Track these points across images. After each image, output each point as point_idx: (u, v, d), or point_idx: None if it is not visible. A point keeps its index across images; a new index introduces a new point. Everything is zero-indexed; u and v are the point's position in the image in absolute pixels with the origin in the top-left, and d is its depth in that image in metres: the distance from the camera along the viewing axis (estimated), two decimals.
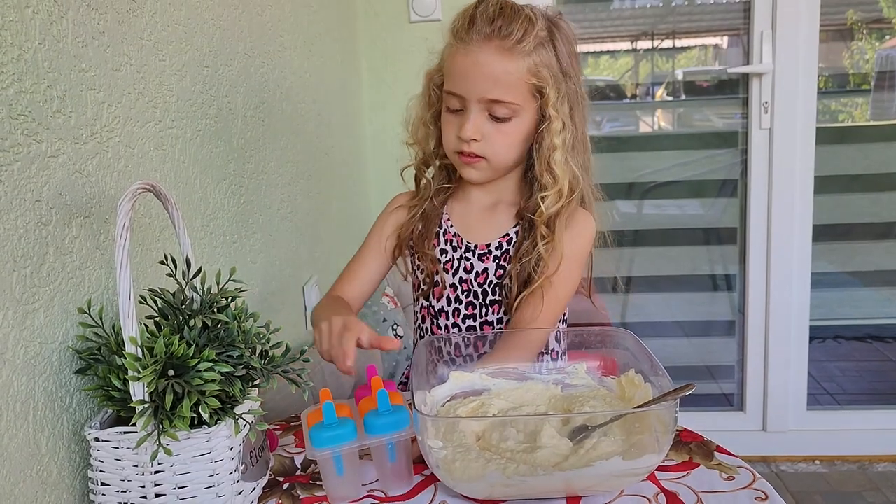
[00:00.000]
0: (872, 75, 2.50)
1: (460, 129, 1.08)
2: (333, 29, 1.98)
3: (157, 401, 0.72)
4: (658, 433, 0.79)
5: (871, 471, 2.24)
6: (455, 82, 1.08)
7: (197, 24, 1.12)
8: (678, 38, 2.61)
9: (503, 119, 1.07)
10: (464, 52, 1.05)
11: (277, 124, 1.49)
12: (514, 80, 1.05)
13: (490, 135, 1.08)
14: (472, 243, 1.17)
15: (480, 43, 1.04)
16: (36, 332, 0.74)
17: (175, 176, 1.04)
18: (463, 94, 1.07)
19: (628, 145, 2.60)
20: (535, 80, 1.05)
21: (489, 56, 1.04)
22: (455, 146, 1.10)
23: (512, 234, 1.16)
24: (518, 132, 1.09)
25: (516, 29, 1.03)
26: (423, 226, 1.18)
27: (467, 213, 1.19)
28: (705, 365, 2.57)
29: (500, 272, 1.15)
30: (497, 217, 1.18)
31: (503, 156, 1.10)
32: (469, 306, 1.17)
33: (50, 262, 0.76)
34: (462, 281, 1.16)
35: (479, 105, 1.06)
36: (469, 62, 1.05)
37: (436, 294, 1.18)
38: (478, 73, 1.05)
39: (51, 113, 0.76)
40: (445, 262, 1.17)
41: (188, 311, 0.81)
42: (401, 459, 0.85)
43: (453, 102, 1.09)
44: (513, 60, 1.04)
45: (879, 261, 2.55)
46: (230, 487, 0.78)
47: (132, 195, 0.74)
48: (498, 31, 1.03)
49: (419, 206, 1.19)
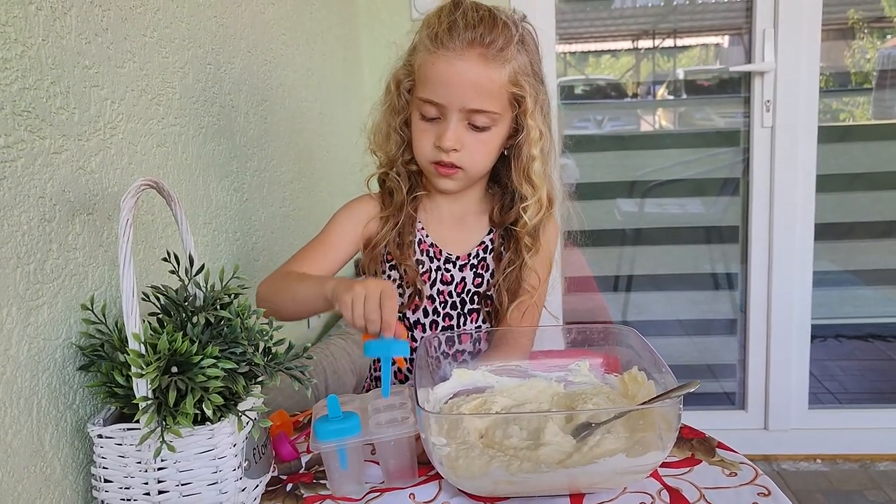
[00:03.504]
0: (874, 74, 2.50)
1: (439, 138, 1.04)
2: (335, 26, 1.98)
3: (160, 397, 0.72)
4: (662, 430, 0.79)
5: (873, 469, 2.24)
6: (434, 90, 1.03)
7: (200, 21, 1.12)
8: (679, 36, 2.60)
9: (482, 128, 1.04)
10: (445, 59, 1.01)
11: (279, 122, 1.49)
12: (496, 88, 1.02)
13: (469, 144, 1.04)
14: (451, 254, 1.14)
15: (463, 50, 1.00)
16: (39, 329, 0.74)
17: (178, 173, 1.04)
18: (443, 102, 1.02)
19: (630, 144, 2.60)
20: (515, 88, 1.03)
21: (472, 64, 1.00)
22: (432, 156, 1.06)
23: (487, 242, 1.14)
24: (495, 142, 1.06)
25: (498, 36, 1.00)
26: (399, 236, 1.13)
27: (439, 222, 1.16)
28: (707, 363, 2.56)
29: (477, 280, 1.14)
30: (469, 226, 1.16)
31: (480, 165, 1.08)
32: (447, 317, 1.15)
33: (53, 258, 0.76)
34: (440, 293, 1.14)
35: (459, 114, 1.03)
36: (451, 70, 1.01)
37: (411, 306, 1.14)
38: (459, 81, 1.01)
39: (54, 109, 0.76)
40: (423, 274, 1.13)
41: (191, 307, 0.81)
42: (404, 457, 0.85)
43: (429, 110, 1.05)
44: (495, 69, 1.01)
45: (881, 259, 2.55)
46: (233, 484, 0.78)
47: (135, 192, 0.73)
48: (480, 38, 1.00)
49: (392, 216, 1.13)
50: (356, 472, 0.85)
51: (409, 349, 0.89)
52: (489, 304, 1.15)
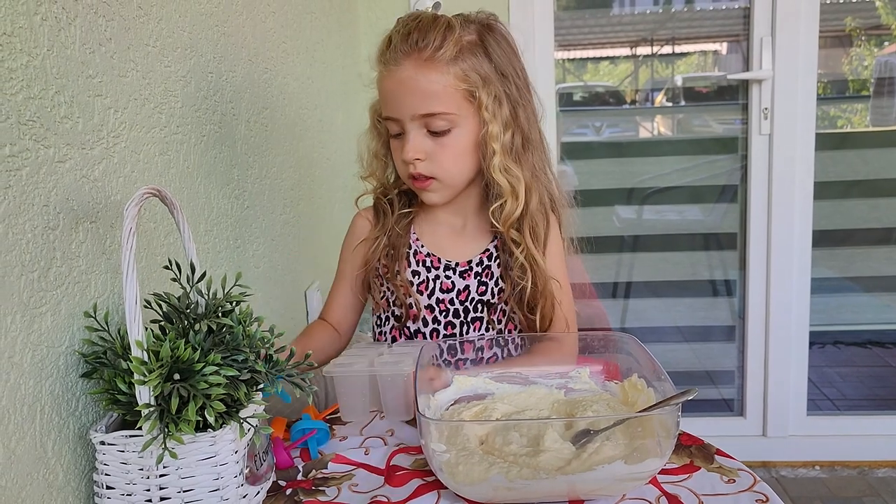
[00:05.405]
0: (871, 81, 2.51)
1: (402, 152, 1.05)
2: (335, 34, 1.99)
3: (162, 404, 0.72)
4: (660, 437, 0.80)
5: (871, 476, 2.24)
6: (387, 106, 1.05)
7: (202, 30, 1.13)
8: (678, 44, 2.62)
9: (442, 132, 1.04)
10: (387, 73, 1.04)
11: (280, 130, 1.50)
12: (442, 88, 1.02)
13: (433, 152, 1.05)
14: (451, 261, 1.14)
15: (400, 61, 1.02)
16: (43, 336, 0.74)
17: (179, 181, 1.05)
18: (396, 115, 1.04)
19: (628, 151, 2.61)
20: (465, 85, 1.03)
21: (410, 71, 1.02)
22: (404, 171, 1.08)
23: (491, 249, 1.14)
24: (460, 143, 1.06)
25: (433, 38, 1.01)
26: (391, 253, 1.14)
27: (437, 232, 1.16)
28: (705, 370, 2.57)
29: (481, 288, 1.13)
30: (469, 234, 1.16)
31: (453, 171, 1.07)
32: (448, 326, 1.14)
33: (57, 266, 0.77)
34: (439, 301, 1.14)
35: (414, 123, 1.04)
36: (394, 83, 1.03)
37: (410, 316, 1.14)
38: (404, 91, 1.02)
39: (58, 119, 0.77)
40: (419, 284, 1.14)
41: (193, 315, 0.81)
42: (399, 393, 0.99)
43: (393, 127, 1.07)
44: (435, 69, 1.01)
45: (879, 266, 2.56)
46: (235, 491, 0.78)
47: (139, 200, 0.74)
48: (415, 44, 1.01)
49: (382, 235, 1.15)
50: (362, 403, 1.01)
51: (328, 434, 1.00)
52: (494, 312, 1.15)
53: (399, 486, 0.87)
